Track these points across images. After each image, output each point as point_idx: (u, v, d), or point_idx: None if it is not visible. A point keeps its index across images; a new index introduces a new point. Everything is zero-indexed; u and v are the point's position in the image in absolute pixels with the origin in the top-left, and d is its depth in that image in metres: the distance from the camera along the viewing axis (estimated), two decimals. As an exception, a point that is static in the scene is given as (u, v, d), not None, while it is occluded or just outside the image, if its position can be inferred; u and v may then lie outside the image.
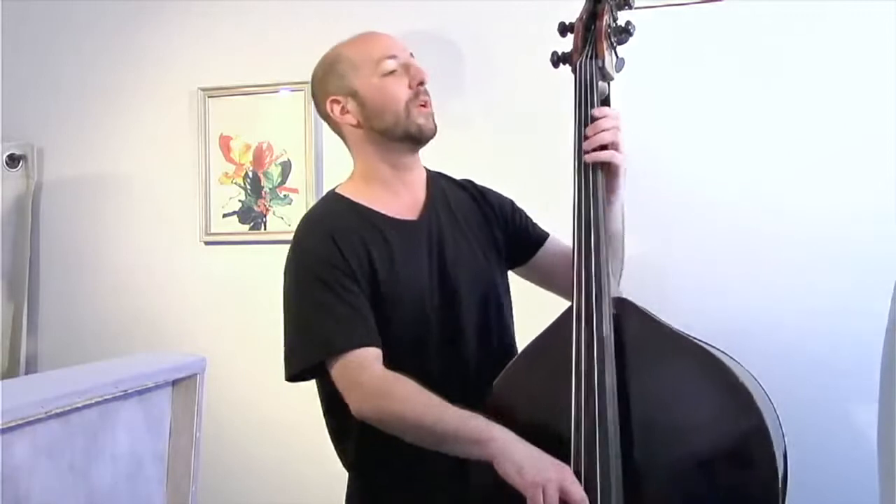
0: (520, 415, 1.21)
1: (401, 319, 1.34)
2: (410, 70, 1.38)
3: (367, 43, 1.41)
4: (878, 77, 1.84)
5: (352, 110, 1.39)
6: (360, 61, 1.38)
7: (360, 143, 1.42)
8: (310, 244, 1.37)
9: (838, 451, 1.78)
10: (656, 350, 1.16)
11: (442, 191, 1.47)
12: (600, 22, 1.30)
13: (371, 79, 1.37)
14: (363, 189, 1.42)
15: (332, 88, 1.40)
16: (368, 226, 1.37)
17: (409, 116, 1.36)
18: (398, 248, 1.36)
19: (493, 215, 1.49)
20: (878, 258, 1.78)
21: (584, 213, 1.22)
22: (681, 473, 1.11)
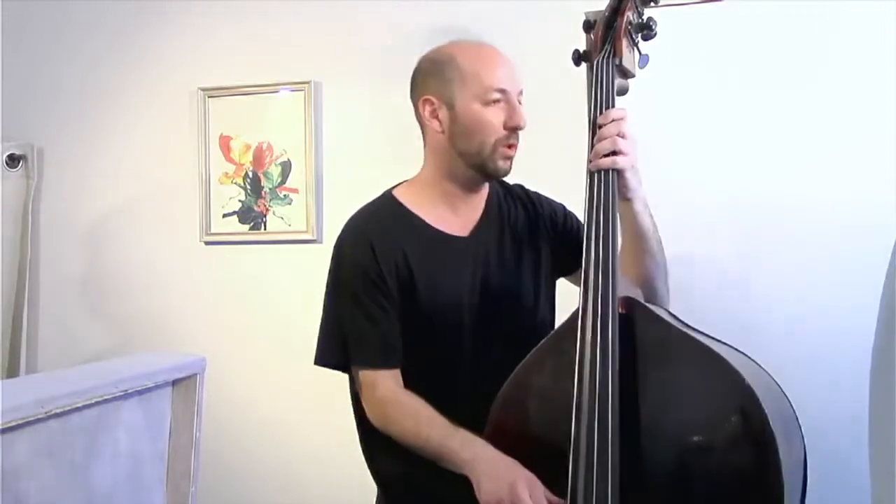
0: (523, 419, 1.22)
1: (435, 330, 1.36)
2: (513, 110, 1.35)
3: (484, 61, 1.36)
4: (879, 75, 1.84)
5: (442, 118, 1.37)
6: (470, 77, 1.34)
7: (437, 149, 1.40)
8: (350, 250, 1.39)
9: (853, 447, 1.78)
10: (662, 351, 1.15)
11: (498, 205, 1.46)
12: (621, 18, 1.29)
13: (473, 101, 1.34)
14: (423, 197, 1.42)
15: (431, 88, 1.38)
16: (414, 236, 1.38)
17: (494, 154, 1.35)
18: (441, 263, 1.37)
19: (543, 226, 1.48)
20: (880, 251, 1.78)
21: (593, 214, 1.21)
22: (680, 477, 1.11)
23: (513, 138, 1.36)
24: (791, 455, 1.09)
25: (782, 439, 1.05)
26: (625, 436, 1.11)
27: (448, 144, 1.38)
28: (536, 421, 1.22)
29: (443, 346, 1.37)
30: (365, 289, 1.35)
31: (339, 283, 1.40)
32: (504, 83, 1.35)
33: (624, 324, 1.16)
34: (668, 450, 1.11)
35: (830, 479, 1.67)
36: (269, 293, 2.37)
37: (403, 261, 1.36)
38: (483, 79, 1.34)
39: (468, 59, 1.36)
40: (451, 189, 1.41)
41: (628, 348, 1.15)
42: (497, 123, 1.34)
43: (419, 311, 1.36)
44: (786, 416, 1.14)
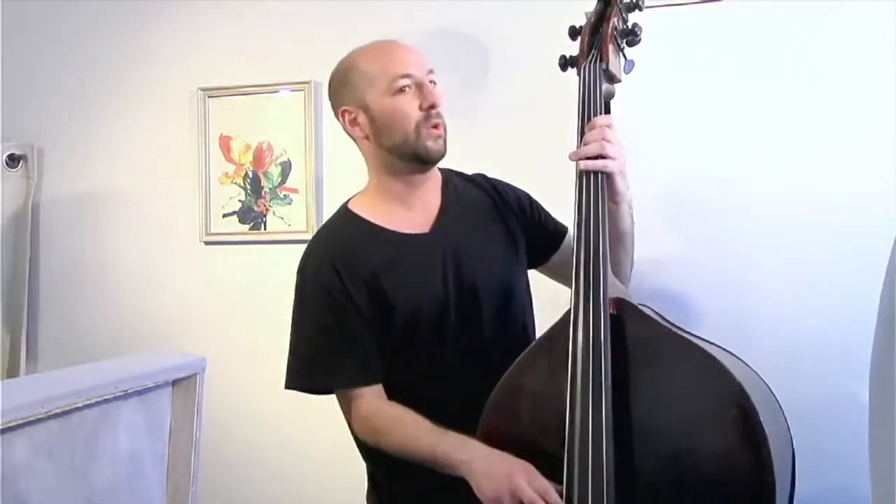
0: (515, 421, 1.22)
1: (420, 332, 1.36)
2: (424, 91, 1.36)
3: (383, 56, 1.38)
4: (879, 74, 1.84)
5: (362, 123, 1.38)
6: (374, 75, 1.35)
7: (371, 155, 1.42)
8: (313, 271, 1.39)
9: (844, 450, 1.78)
10: (653, 351, 1.16)
11: (456, 194, 1.46)
12: (607, 24, 1.30)
13: (383, 97, 1.35)
14: (376, 203, 1.42)
15: (344, 98, 1.40)
16: (378, 246, 1.38)
17: (419, 138, 1.35)
18: (410, 264, 1.37)
19: (509, 212, 1.48)
20: (879, 249, 1.78)
21: (582, 215, 1.22)
22: (674, 475, 1.11)
23: (434, 118, 1.36)
24: (781, 452, 1.10)
25: (773, 438, 1.06)
26: (618, 436, 1.12)
27: (376, 146, 1.39)
28: (528, 423, 1.22)
29: (428, 345, 1.37)
30: (333, 311, 1.35)
31: (306, 307, 1.40)
32: (408, 68, 1.35)
33: (614, 324, 1.16)
34: (662, 449, 1.12)
35: (829, 479, 1.68)
36: (269, 293, 2.36)
37: (370, 274, 1.35)
38: (386, 70, 1.35)
39: (368, 59, 1.38)
40: (398, 187, 1.41)
41: (619, 348, 1.15)
42: (412, 108, 1.35)
43: (397, 318, 1.35)
44: (775, 415, 1.15)
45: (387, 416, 1.33)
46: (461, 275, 1.38)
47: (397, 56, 1.37)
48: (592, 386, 1.12)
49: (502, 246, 1.45)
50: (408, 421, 1.30)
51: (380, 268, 1.35)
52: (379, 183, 1.42)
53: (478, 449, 1.21)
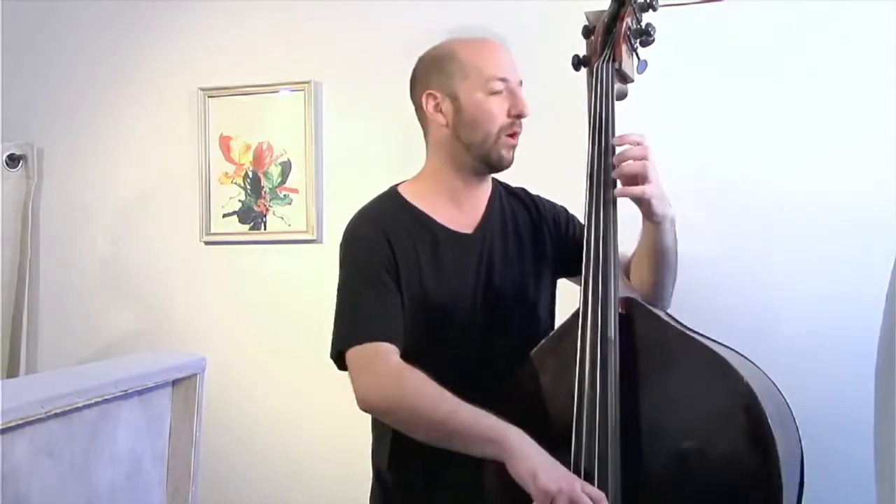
0: (527, 415, 1.21)
1: (440, 325, 1.36)
2: (515, 98, 1.36)
3: (484, 53, 1.38)
4: (879, 71, 1.84)
5: (445, 111, 1.37)
6: (471, 69, 1.35)
7: (441, 143, 1.40)
8: (363, 235, 1.38)
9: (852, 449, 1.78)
10: (662, 351, 1.16)
11: (500, 203, 1.47)
12: (620, 24, 1.30)
13: (476, 92, 1.35)
14: (427, 193, 1.42)
15: (433, 82, 1.38)
16: (422, 232, 1.38)
17: (497, 142, 1.36)
18: (448, 259, 1.37)
19: (546, 229, 1.48)
20: (883, 247, 1.79)
21: (591, 215, 1.23)
22: (682, 475, 1.11)
23: (516, 126, 1.37)
24: (789, 453, 1.10)
25: (781, 438, 1.06)
26: (626, 435, 1.12)
27: (452, 137, 1.38)
28: (536, 422, 1.21)
29: (448, 343, 1.36)
30: (379, 273, 1.33)
31: (352, 270, 1.36)
32: (505, 72, 1.36)
33: (623, 324, 1.16)
34: (670, 448, 1.12)
35: (834, 478, 1.67)
36: (269, 293, 2.37)
37: (414, 255, 1.35)
38: (484, 69, 1.35)
39: (468, 52, 1.37)
40: (456, 183, 1.41)
41: (628, 348, 1.16)
42: (500, 112, 1.35)
43: (426, 307, 1.35)
44: (783, 416, 1.14)
45: (418, 375, 1.22)
46: (492, 279, 1.39)
47: (498, 57, 1.38)
48: (600, 385, 1.13)
49: (533, 261, 1.45)
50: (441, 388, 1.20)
51: (420, 254, 1.36)
52: (438, 175, 1.42)
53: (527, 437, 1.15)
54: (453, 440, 1.18)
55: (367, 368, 1.26)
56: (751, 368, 1.16)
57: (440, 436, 1.19)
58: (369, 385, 1.26)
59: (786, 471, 1.05)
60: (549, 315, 1.49)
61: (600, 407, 1.12)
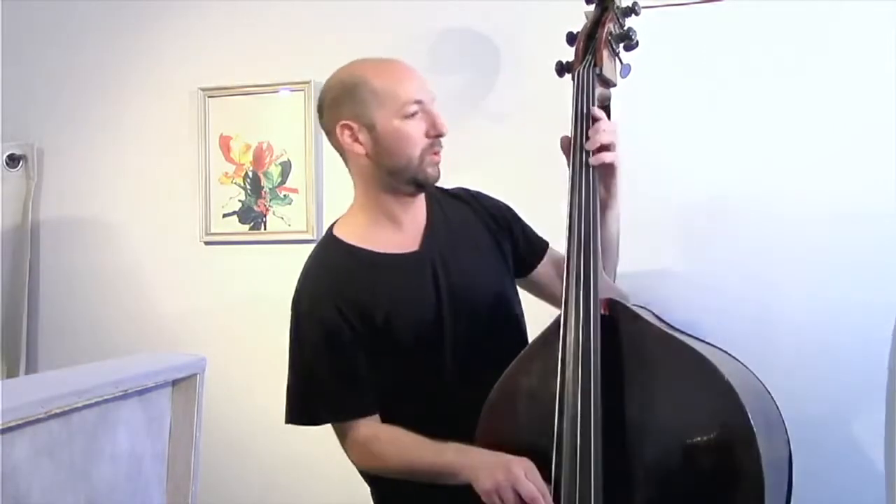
0: (511, 422, 1.23)
1: (419, 348, 1.36)
2: (432, 118, 1.35)
3: (395, 78, 1.35)
4: (879, 72, 1.84)
5: (363, 141, 1.35)
6: (384, 96, 1.32)
7: (364, 172, 1.39)
8: (307, 307, 1.39)
9: (846, 451, 1.78)
10: (644, 352, 1.16)
11: (441, 209, 1.46)
12: (602, 30, 1.31)
13: (392, 119, 1.32)
14: (364, 226, 1.41)
15: (346, 112, 1.35)
16: (369, 272, 1.37)
17: (422, 164, 1.35)
18: (402, 285, 1.37)
19: (494, 226, 1.48)
20: (882, 251, 1.79)
21: (575, 215, 1.23)
22: (663, 474, 1.11)
23: (436, 145, 1.36)
24: (773, 452, 1.09)
25: (763, 436, 1.05)
26: (607, 435, 1.12)
27: (374, 165, 1.36)
28: (523, 424, 1.23)
29: (427, 360, 1.37)
30: (330, 346, 1.35)
31: (303, 344, 1.40)
32: (419, 94, 1.34)
33: (606, 325, 1.17)
34: (651, 448, 1.12)
35: (828, 480, 1.68)
36: (269, 293, 2.36)
37: (365, 301, 1.35)
38: (399, 94, 1.32)
39: (380, 77, 1.34)
40: (390, 204, 1.39)
41: (610, 349, 1.16)
42: (419, 134, 1.34)
43: (396, 339, 1.36)
44: (769, 414, 1.14)
45: (384, 439, 1.34)
46: (453, 288, 1.39)
47: (409, 80, 1.35)
48: (582, 387, 1.13)
49: (490, 258, 1.45)
50: (405, 439, 1.31)
51: (374, 293, 1.35)
52: (368, 201, 1.41)
53: (480, 453, 1.22)
54: (431, 480, 1.27)
55: (343, 444, 1.40)
56: (734, 366, 1.15)
57: (415, 478, 1.30)
58: (348, 452, 1.40)
59: (769, 471, 1.04)
60: (519, 308, 1.49)
61: (582, 412, 1.12)
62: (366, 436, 1.35)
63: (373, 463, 1.37)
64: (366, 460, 1.37)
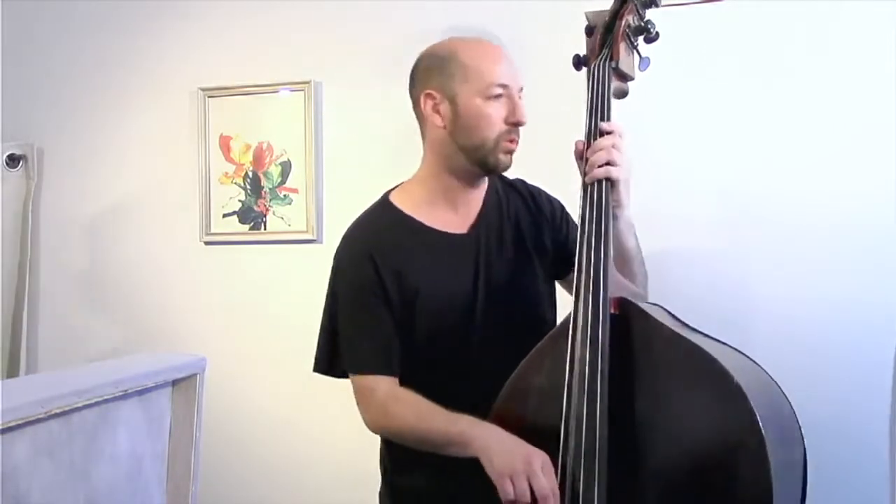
0: (521, 420, 1.23)
1: (445, 329, 1.37)
2: (514, 106, 1.35)
3: (487, 57, 1.36)
4: (879, 73, 1.84)
5: (443, 113, 1.36)
6: (472, 72, 1.34)
7: (437, 143, 1.40)
8: (350, 264, 1.40)
9: (852, 446, 1.78)
10: (652, 350, 1.15)
11: (497, 198, 1.46)
12: (620, 22, 1.30)
13: (475, 96, 1.33)
14: (419, 198, 1.42)
15: (433, 82, 1.37)
16: (415, 242, 1.38)
17: (495, 148, 1.35)
18: (444, 263, 1.38)
19: (543, 222, 1.48)
20: (883, 250, 1.79)
21: (586, 216, 1.23)
22: (668, 481, 1.11)
23: (514, 133, 1.36)
24: (784, 456, 1.08)
25: (773, 439, 1.04)
26: (614, 435, 1.12)
27: (449, 139, 1.37)
28: (532, 421, 1.22)
29: (451, 343, 1.38)
30: (365, 299, 1.36)
31: (338, 293, 1.41)
32: (505, 78, 1.35)
33: (616, 324, 1.16)
34: (657, 449, 1.12)
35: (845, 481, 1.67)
36: (269, 293, 2.37)
37: (406, 268, 1.36)
38: (485, 74, 1.34)
39: (470, 54, 1.36)
40: (452, 184, 1.41)
41: (620, 348, 1.15)
42: (498, 118, 1.34)
43: (425, 314, 1.37)
44: (781, 418, 1.13)
45: (403, 400, 1.34)
46: (491, 278, 1.40)
47: (500, 62, 1.36)
48: (589, 386, 1.13)
49: (535, 256, 1.45)
50: (422, 404, 1.31)
51: (414, 263, 1.37)
52: (434, 175, 1.42)
53: (495, 429, 1.21)
54: (441, 450, 1.27)
55: (361, 401, 1.39)
56: (745, 365, 1.14)
57: (431, 448, 1.29)
58: (364, 414, 1.39)
59: (778, 476, 1.02)
60: (551, 309, 1.49)
61: (588, 410, 1.12)
62: (385, 395, 1.35)
63: (386, 423, 1.36)
64: (380, 420, 1.36)
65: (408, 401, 1.33)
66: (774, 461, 1.02)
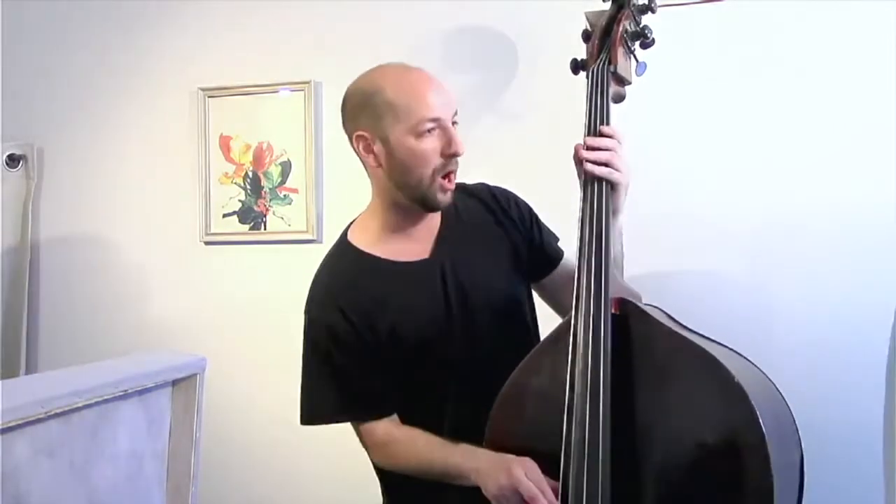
0: (522, 420, 1.24)
1: (428, 354, 1.37)
2: (449, 137, 1.31)
3: (414, 92, 1.30)
4: (879, 74, 1.84)
5: (377, 153, 1.33)
6: (401, 111, 1.29)
7: (379, 184, 1.39)
8: (318, 313, 1.39)
9: (846, 447, 1.78)
10: (654, 352, 1.15)
11: (456, 212, 1.44)
12: (617, 27, 1.31)
13: (407, 135, 1.29)
14: (376, 233, 1.41)
15: (362, 123, 1.34)
16: (379, 279, 1.38)
17: (432, 185, 1.32)
18: (411, 293, 1.37)
19: (511, 225, 1.46)
20: (883, 251, 1.79)
21: (587, 215, 1.23)
22: (671, 476, 1.11)
23: (451, 165, 1.33)
24: (784, 456, 1.08)
25: (774, 439, 1.04)
26: (616, 435, 1.12)
27: (386, 178, 1.35)
28: (533, 423, 1.23)
29: (437, 365, 1.38)
30: (341, 351, 1.36)
31: (314, 347, 1.40)
32: (437, 111, 1.30)
33: (617, 324, 1.16)
34: (660, 448, 1.12)
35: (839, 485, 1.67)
36: (269, 293, 2.37)
37: (374, 308, 1.35)
38: (414, 111, 1.29)
39: (397, 90, 1.30)
40: (401, 217, 1.39)
41: (620, 348, 1.15)
42: (433, 153, 1.31)
43: (405, 346, 1.36)
44: (780, 418, 1.13)
45: (400, 440, 1.36)
46: (463, 294, 1.39)
47: (428, 96, 1.30)
48: (591, 387, 1.12)
49: (504, 262, 1.44)
50: (420, 440, 1.34)
51: (383, 300, 1.36)
52: (382, 210, 1.41)
53: (485, 455, 1.24)
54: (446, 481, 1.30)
55: (363, 443, 1.41)
56: (745, 367, 1.15)
57: (432, 478, 1.32)
58: (369, 454, 1.42)
59: (779, 476, 1.03)
60: (531, 312, 1.49)
61: (591, 412, 1.12)
62: (383, 438, 1.38)
63: (391, 462, 1.39)
64: (384, 460, 1.40)
65: (405, 441, 1.36)
66: (775, 460, 1.03)
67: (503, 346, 1.37)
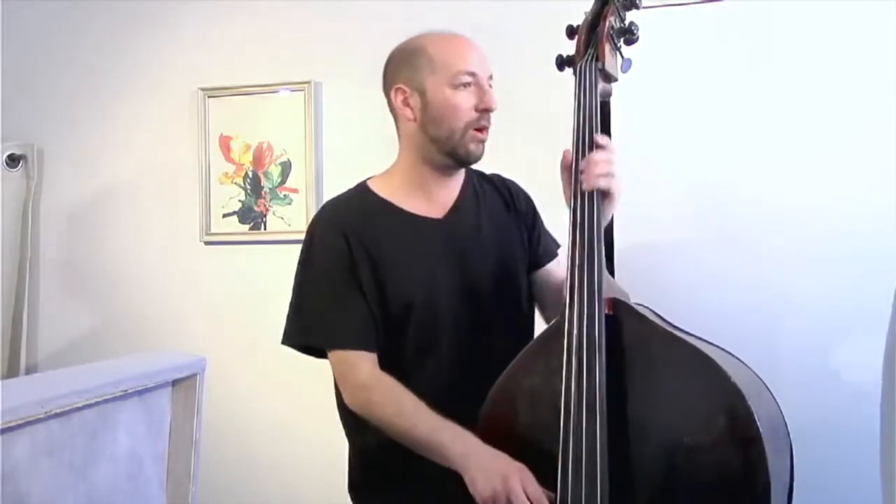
0: (514, 420, 1.22)
1: (414, 316, 1.36)
2: (483, 93, 1.36)
3: (453, 47, 1.38)
4: (879, 74, 1.84)
5: (413, 105, 1.38)
6: (439, 63, 1.35)
7: (410, 137, 1.41)
8: (325, 240, 1.39)
9: (842, 450, 1.78)
10: (648, 351, 1.15)
11: (474, 191, 1.47)
12: (603, 23, 1.31)
13: (443, 87, 1.35)
14: (397, 185, 1.42)
15: (402, 76, 1.39)
16: (387, 222, 1.38)
17: (464, 137, 1.35)
18: (414, 242, 1.38)
19: (519, 216, 1.49)
20: (880, 252, 1.79)
21: (578, 215, 1.23)
22: (669, 475, 1.11)
23: (483, 120, 1.37)
24: (778, 455, 1.09)
25: (769, 439, 1.05)
26: (613, 436, 1.11)
27: (420, 131, 1.38)
28: (526, 423, 1.22)
29: (419, 333, 1.36)
30: (339, 272, 1.35)
31: (312, 264, 1.39)
32: (473, 66, 1.36)
33: (610, 324, 1.16)
34: (657, 448, 1.12)
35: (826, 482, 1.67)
36: (269, 293, 2.36)
37: (376, 246, 1.36)
38: (452, 63, 1.35)
39: (437, 46, 1.38)
40: (426, 176, 1.41)
41: (615, 348, 1.15)
42: (467, 106, 1.35)
43: (393, 294, 1.35)
44: (773, 418, 1.14)
45: (387, 387, 1.30)
46: (465, 265, 1.39)
47: (466, 51, 1.37)
48: (587, 386, 1.12)
49: (510, 246, 1.46)
50: (407, 399, 1.27)
51: (385, 241, 1.36)
52: (408, 168, 1.42)
53: (476, 445, 1.20)
54: (419, 451, 1.25)
55: (343, 378, 1.36)
56: (739, 367, 1.15)
57: (410, 445, 1.26)
58: (345, 393, 1.36)
59: (774, 471, 1.04)
60: (529, 301, 1.49)
61: (587, 413, 1.12)
62: (369, 378, 1.32)
63: (368, 408, 1.32)
64: (360, 405, 1.33)
65: (390, 393, 1.29)
66: (772, 460, 1.03)
67: (493, 321, 1.38)
